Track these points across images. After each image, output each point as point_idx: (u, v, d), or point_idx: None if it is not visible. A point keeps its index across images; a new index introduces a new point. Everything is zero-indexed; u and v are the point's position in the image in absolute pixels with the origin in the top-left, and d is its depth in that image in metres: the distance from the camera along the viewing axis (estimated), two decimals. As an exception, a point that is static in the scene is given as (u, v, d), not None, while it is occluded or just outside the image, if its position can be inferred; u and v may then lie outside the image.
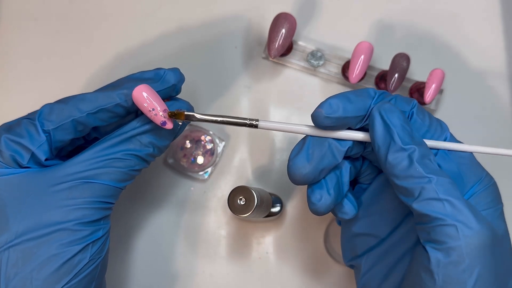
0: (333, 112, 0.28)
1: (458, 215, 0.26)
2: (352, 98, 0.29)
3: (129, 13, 0.44)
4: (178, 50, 0.43)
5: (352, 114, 0.29)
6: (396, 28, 0.43)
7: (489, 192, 0.30)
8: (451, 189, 0.27)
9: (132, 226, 0.41)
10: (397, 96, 0.30)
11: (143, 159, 0.32)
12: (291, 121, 0.42)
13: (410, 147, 0.28)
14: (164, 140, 0.33)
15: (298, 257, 0.41)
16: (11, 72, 0.44)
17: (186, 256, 0.41)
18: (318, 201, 0.30)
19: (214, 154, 0.41)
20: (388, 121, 0.28)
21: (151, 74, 0.33)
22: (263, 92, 0.43)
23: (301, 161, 0.30)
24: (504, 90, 0.42)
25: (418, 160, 0.28)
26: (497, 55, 0.42)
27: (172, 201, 0.42)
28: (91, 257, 0.31)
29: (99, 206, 0.31)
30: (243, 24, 0.43)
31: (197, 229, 0.41)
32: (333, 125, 0.29)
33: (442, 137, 0.31)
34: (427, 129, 0.30)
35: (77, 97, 0.32)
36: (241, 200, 0.33)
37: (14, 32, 0.44)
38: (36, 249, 0.29)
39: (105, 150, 0.31)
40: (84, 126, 0.32)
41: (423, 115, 0.31)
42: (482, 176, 0.30)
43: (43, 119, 0.31)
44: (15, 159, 0.31)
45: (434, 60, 0.42)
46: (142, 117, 0.32)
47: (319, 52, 0.42)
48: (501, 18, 0.43)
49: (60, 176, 0.30)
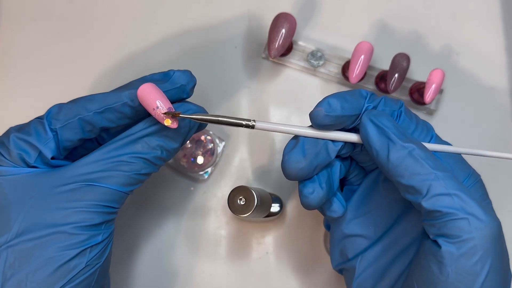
0: (332, 110, 0.29)
1: (468, 208, 0.27)
2: (347, 97, 0.30)
3: (129, 13, 0.44)
4: (178, 50, 0.43)
5: (349, 113, 0.29)
6: (396, 28, 0.43)
7: (477, 187, 0.31)
8: (456, 183, 0.27)
9: (132, 226, 0.41)
10: (385, 97, 0.31)
11: (150, 162, 0.31)
12: (291, 121, 0.42)
13: (409, 145, 0.28)
14: (172, 142, 0.31)
15: (298, 257, 0.41)
16: (11, 72, 0.44)
17: (186, 256, 0.41)
18: (311, 194, 0.30)
19: (214, 154, 0.41)
20: (380, 124, 0.29)
21: (161, 75, 0.32)
22: (263, 92, 0.43)
23: (297, 156, 0.30)
24: (504, 90, 0.42)
25: (421, 156, 0.28)
26: (497, 55, 0.42)
27: (172, 201, 0.42)
28: (88, 262, 0.30)
29: (100, 210, 0.30)
30: (243, 24, 0.43)
31: (197, 229, 0.41)
32: (332, 123, 0.29)
33: (429, 137, 0.31)
34: (415, 128, 0.31)
35: (86, 97, 0.32)
36: (241, 200, 0.33)
37: (14, 32, 0.44)
38: (33, 250, 0.29)
39: (111, 152, 0.30)
40: (91, 126, 0.31)
41: (410, 115, 0.31)
42: (469, 172, 0.31)
43: (51, 118, 0.31)
44: (22, 158, 0.30)
45: (434, 60, 0.42)
46: (149, 118, 0.31)
47: (319, 52, 0.42)
48: (501, 18, 0.43)
49: (64, 177, 0.30)
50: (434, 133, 0.32)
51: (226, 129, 0.42)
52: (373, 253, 0.32)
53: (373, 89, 0.41)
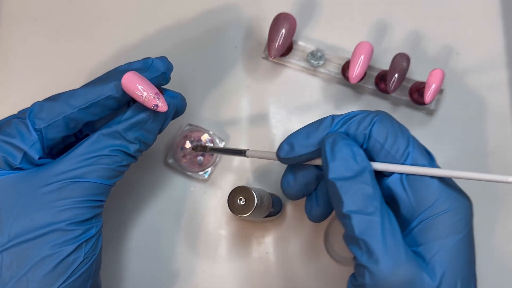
0: (287, 153, 0.31)
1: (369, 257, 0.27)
2: (307, 133, 0.31)
3: (129, 13, 0.44)
4: (178, 50, 0.43)
5: (307, 151, 0.31)
6: (396, 28, 0.43)
7: (447, 217, 0.28)
8: (370, 227, 0.27)
9: (131, 226, 0.41)
10: (357, 118, 0.30)
11: (130, 154, 0.32)
12: (291, 121, 0.42)
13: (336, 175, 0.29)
14: (149, 134, 0.32)
15: (298, 257, 0.41)
16: (11, 72, 0.44)
17: (186, 256, 0.41)
18: (309, 213, 0.34)
19: (214, 154, 0.41)
20: (329, 152, 0.29)
21: (139, 64, 0.33)
22: (263, 92, 0.43)
23: (287, 181, 0.33)
24: (504, 90, 0.42)
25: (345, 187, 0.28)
26: (497, 55, 0.42)
27: (172, 201, 0.42)
28: (85, 255, 0.31)
29: (90, 205, 0.31)
30: (243, 24, 0.43)
31: (197, 229, 0.41)
32: (295, 162, 0.32)
33: (404, 156, 0.29)
34: (388, 149, 0.29)
35: (65, 93, 0.32)
36: (241, 200, 0.33)
37: (14, 32, 0.44)
38: (29, 251, 0.29)
39: (91, 146, 0.31)
40: (76, 122, 0.31)
41: (385, 132, 0.30)
42: (438, 198, 0.28)
43: (34, 117, 0.31)
44: (6, 161, 0.30)
45: (434, 60, 0.42)
46: (126, 112, 0.31)
47: (319, 52, 0.42)
48: (501, 18, 0.43)
49: (49, 176, 0.30)
50: (411, 148, 0.29)
51: (226, 129, 0.42)
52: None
53: (373, 89, 0.41)
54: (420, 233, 0.28)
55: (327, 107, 0.42)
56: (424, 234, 0.28)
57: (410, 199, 0.29)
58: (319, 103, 0.42)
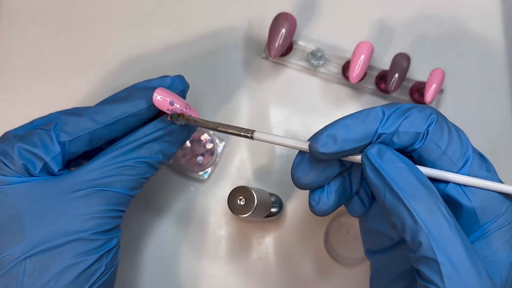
0: (328, 148, 0.26)
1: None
2: (352, 126, 0.26)
3: (129, 13, 0.44)
4: (178, 50, 0.43)
5: (352, 146, 0.26)
6: (396, 28, 0.43)
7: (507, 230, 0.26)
8: (456, 249, 0.24)
9: (131, 227, 0.41)
10: (411, 113, 0.27)
11: (153, 166, 0.33)
12: (291, 121, 0.42)
13: (407, 191, 0.25)
14: (172, 147, 0.33)
15: (298, 257, 0.41)
16: (10, 72, 0.44)
17: (186, 256, 0.41)
18: (317, 204, 0.29)
19: (214, 154, 0.41)
20: (378, 167, 0.26)
21: (157, 82, 0.33)
22: (263, 92, 0.43)
23: (304, 170, 0.28)
24: (504, 90, 0.42)
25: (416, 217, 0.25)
26: (497, 55, 0.42)
27: (171, 202, 0.42)
28: (106, 265, 0.31)
29: (113, 215, 0.31)
30: (243, 24, 0.43)
31: (197, 229, 0.41)
32: (332, 158, 0.27)
33: (463, 160, 0.27)
34: (444, 151, 0.27)
35: (90, 109, 0.32)
36: (241, 200, 0.33)
37: (14, 32, 0.44)
38: (53, 259, 0.29)
39: (117, 157, 0.31)
40: (98, 138, 0.32)
41: (441, 132, 0.27)
42: (501, 210, 0.27)
43: (59, 130, 0.31)
44: (26, 168, 0.30)
45: (434, 60, 0.42)
46: (150, 125, 0.32)
47: (319, 52, 0.42)
48: (501, 18, 0.43)
49: (75, 183, 0.30)
50: (471, 152, 0.27)
51: (226, 129, 0.42)
52: (388, 257, 0.31)
53: (373, 89, 0.41)
54: (484, 246, 0.26)
55: (327, 107, 0.42)
56: (488, 247, 0.26)
57: (475, 209, 0.27)
58: (319, 103, 0.42)
